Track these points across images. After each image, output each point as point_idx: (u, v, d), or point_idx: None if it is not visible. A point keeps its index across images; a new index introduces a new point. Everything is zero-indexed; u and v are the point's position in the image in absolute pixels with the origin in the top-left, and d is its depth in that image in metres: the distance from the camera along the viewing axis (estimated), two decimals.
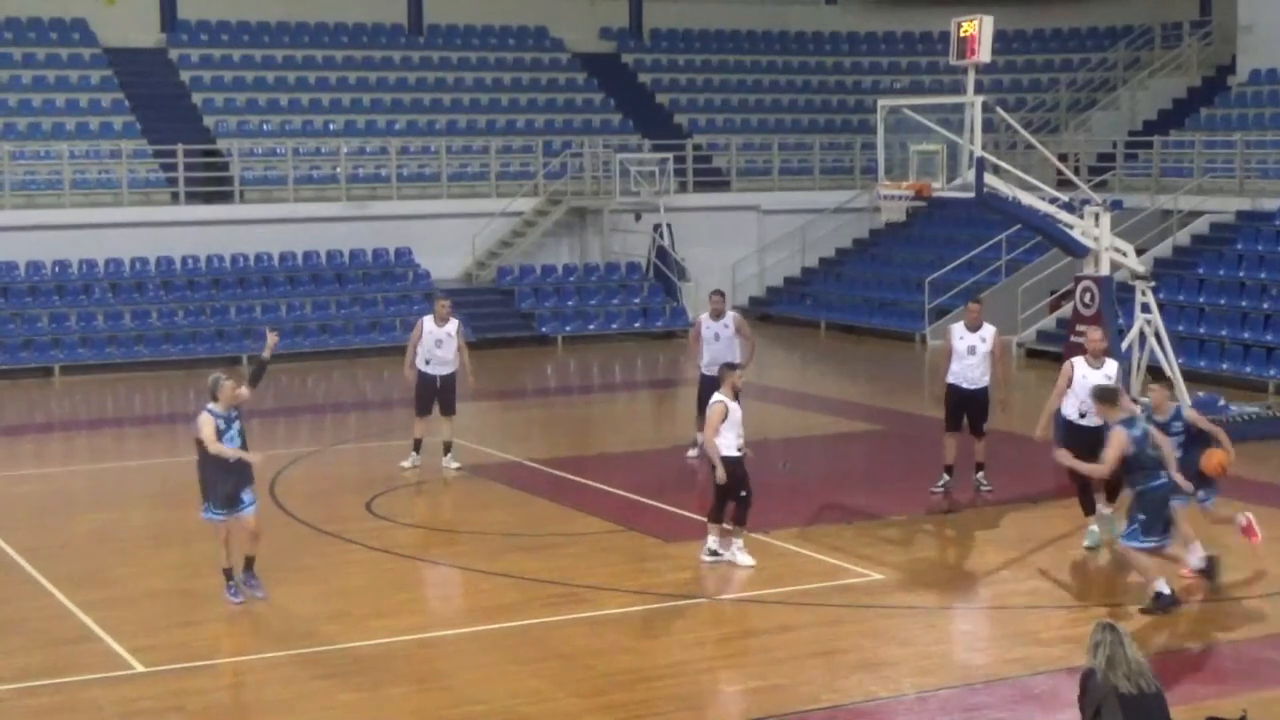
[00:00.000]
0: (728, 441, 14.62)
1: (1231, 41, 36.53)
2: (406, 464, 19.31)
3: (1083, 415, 15.38)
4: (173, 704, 11.48)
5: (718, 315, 19.57)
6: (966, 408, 17.93)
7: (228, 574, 13.85)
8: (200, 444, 13.44)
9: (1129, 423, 13.43)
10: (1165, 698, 8.65)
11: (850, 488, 18.92)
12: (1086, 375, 15.64)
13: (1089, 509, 15.59)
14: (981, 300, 19.05)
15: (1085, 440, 14.93)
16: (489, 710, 11.35)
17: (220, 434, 13.49)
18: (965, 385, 17.91)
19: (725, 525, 14.90)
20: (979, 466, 18.07)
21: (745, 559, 14.80)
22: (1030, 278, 30.59)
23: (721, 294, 20.18)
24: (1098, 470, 13.84)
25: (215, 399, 13.56)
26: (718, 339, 19.43)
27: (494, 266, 33.60)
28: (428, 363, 19.30)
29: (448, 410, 19.41)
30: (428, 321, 19.47)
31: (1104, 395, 13.85)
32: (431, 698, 11.59)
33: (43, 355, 28.67)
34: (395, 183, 33.86)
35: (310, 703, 11.57)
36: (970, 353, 17.86)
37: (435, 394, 19.33)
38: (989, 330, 17.91)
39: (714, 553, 14.91)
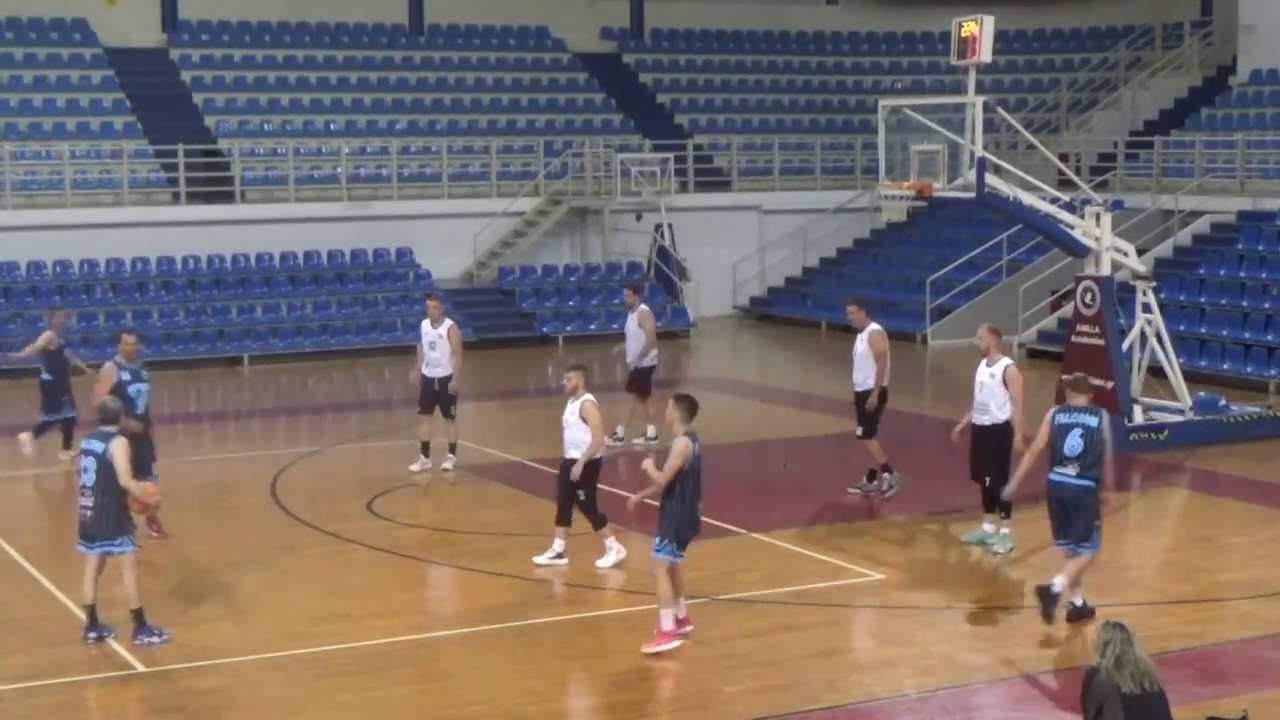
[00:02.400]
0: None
1: (1232, 41, 36.53)
2: (415, 467, 19.22)
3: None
4: (173, 704, 11.48)
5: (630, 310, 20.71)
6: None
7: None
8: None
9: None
10: (1168, 698, 8.65)
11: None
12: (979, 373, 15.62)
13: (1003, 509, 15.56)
14: (860, 300, 18.37)
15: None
16: (489, 710, 11.35)
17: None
18: (857, 389, 17.86)
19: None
20: (885, 468, 17.98)
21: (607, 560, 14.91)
22: (1031, 278, 30.58)
23: (634, 288, 21.23)
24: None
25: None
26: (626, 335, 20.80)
27: (495, 266, 33.61)
28: (425, 364, 19.23)
29: (445, 414, 19.25)
30: (425, 323, 19.37)
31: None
32: (431, 698, 11.59)
33: None
34: (396, 183, 33.87)
35: (310, 703, 11.57)
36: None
37: (434, 396, 19.22)
38: (866, 331, 17.61)
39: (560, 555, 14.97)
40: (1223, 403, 21.58)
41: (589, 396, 15.05)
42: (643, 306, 20.82)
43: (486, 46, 38.97)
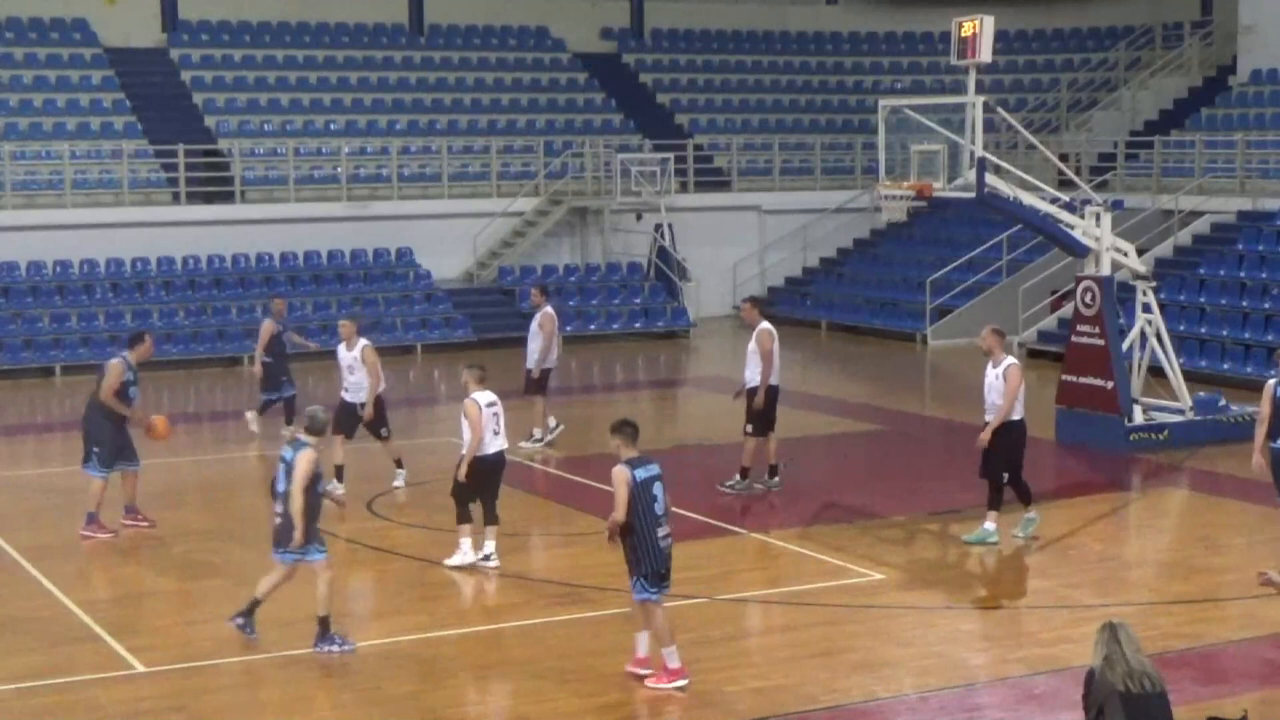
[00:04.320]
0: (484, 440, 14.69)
1: (1232, 41, 36.53)
2: (336, 490, 17.19)
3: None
4: (173, 704, 11.49)
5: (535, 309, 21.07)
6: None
7: None
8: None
9: None
10: (1168, 698, 8.64)
11: (851, 488, 18.92)
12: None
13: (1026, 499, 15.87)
14: (753, 299, 18.67)
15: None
16: (489, 710, 11.35)
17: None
18: (747, 386, 18.08)
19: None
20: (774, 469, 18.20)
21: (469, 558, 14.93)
22: (1031, 278, 30.58)
23: (541, 289, 21.52)
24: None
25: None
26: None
27: (495, 266, 33.61)
28: (345, 389, 18.19)
29: (377, 436, 18.25)
30: (340, 346, 18.28)
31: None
32: (431, 698, 11.59)
33: (44, 355, 28.69)
34: (396, 183, 33.87)
35: (310, 703, 11.58)
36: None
37: (357, 421, 18.03)
38: (755, 330, 17.93)
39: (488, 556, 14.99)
40: (1223, 403, 21.57)
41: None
42: (547, 308, 20.97)
43: (486, 46, 38.97)
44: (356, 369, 18.03)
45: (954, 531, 16.31)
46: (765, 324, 17.88)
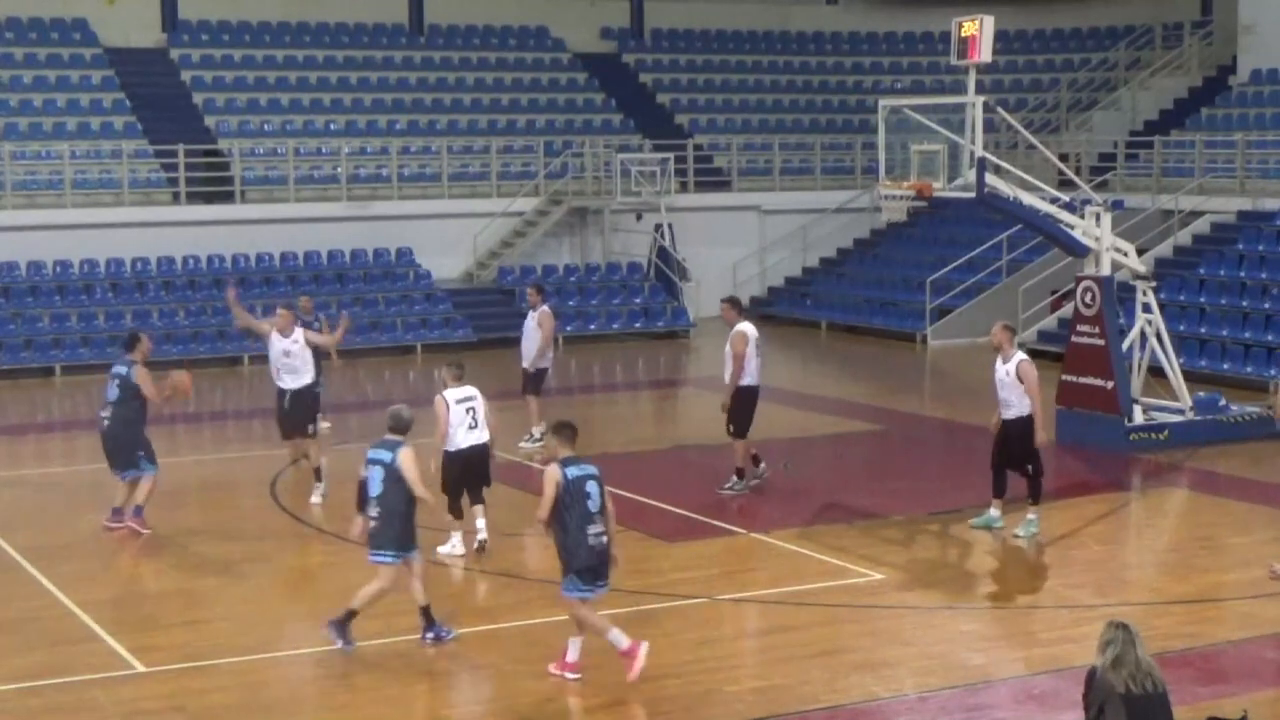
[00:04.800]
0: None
1: (1232, 41, 36.51)
2: (315, 499, 17.79)
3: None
4: (173, 704, 11.49)
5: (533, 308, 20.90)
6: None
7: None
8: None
9: None
10: (1169, 698, 8.64)
11: (851, 488, 18.92)
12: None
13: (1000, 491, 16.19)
14: (730, 300, 18.73)
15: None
16: (489, 710, 11.35)
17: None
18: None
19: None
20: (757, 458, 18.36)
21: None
22: (1031, 278, 30.58)
23: (537, 288, 21.39)
24: None
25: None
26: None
27: (495, 266, 33.61)
28: (279, 377, 17.88)
29: (302, 433, 17.98)
30: (273, 335, 17.87)
31: None
32: (431, 698, 11.59)
33: (44, 355, 28.69)
34: (396, 183, 33.87)
35: (310, 703, 11.58)
36: (758, 352, 18.05)
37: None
38: (732, 330, 18.03)
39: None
40: (1223, 403, 21.57)
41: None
42: (544, 307, 20.99)
43: (486, 46, 38.96)
44: (295, 353, 17.71)
45: (954, 532, 16.32)
46: (742, 325, 17.89)
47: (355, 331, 30.78)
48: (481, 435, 15.14)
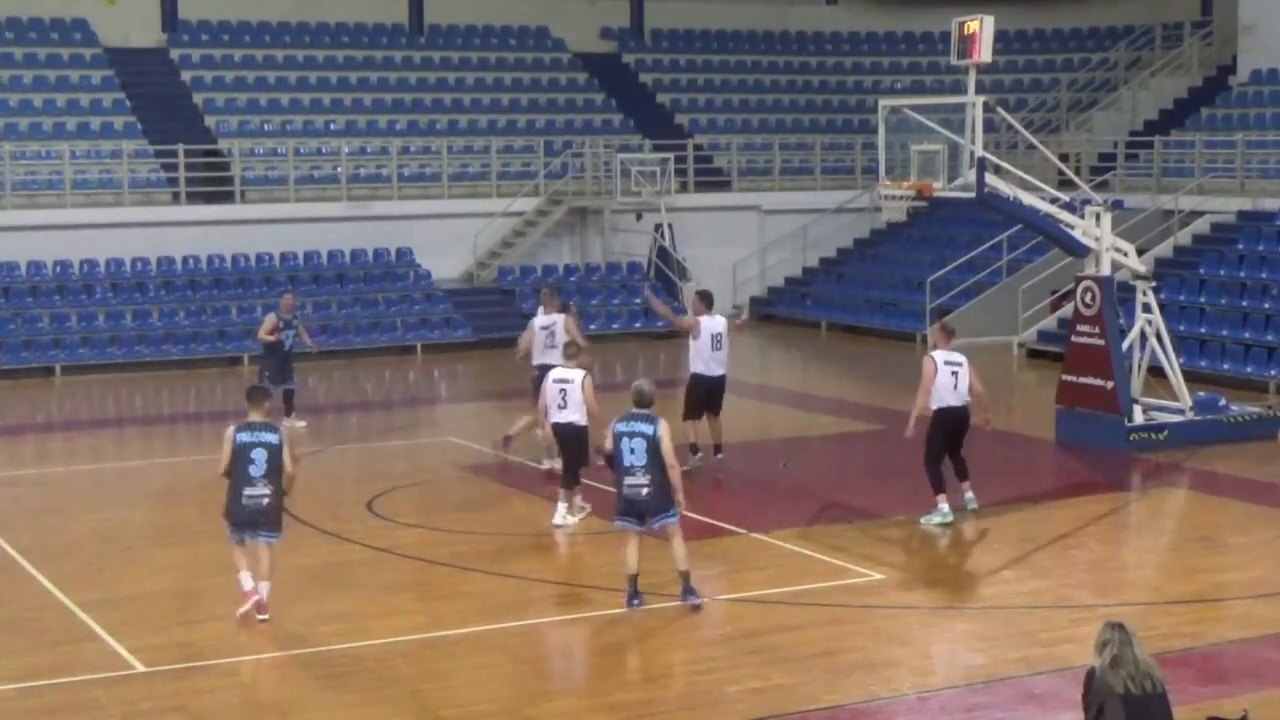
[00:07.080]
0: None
1: (1232, 41, 36.52)
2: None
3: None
4: (173, 704, 11.48)
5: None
6: (713, 395, 19.06)
7: None
8: None
9: None
10: (1169, 698, 8.64)
11: (851, 488, 18.92)
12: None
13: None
14: (699, 294, 19.53)
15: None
16: (489, 710, 11.35)
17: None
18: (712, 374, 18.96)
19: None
20: (718, 448, 19.23)
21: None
22: (1031, 278, 30.57)
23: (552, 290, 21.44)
24: None
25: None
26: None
27: (495, 266, 33.61)
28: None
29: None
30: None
31: None
32: (431, 698, 11.59)
33: (44, 355, 28.69)
34: (396, 183, 33.87)
35: (310, 703, 11.57)
36: (716, 345, 18.83)
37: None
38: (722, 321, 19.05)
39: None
40: (1223, 403, 21.57)
41: None
42: (563, 316, 20.90)
43: (486, 46, 38.97)
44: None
45: (954, 532, 16.30)
46: (701, 316, 18.83)
47: (355, 331, 30.85)
48: (573, 415, 16.27)
